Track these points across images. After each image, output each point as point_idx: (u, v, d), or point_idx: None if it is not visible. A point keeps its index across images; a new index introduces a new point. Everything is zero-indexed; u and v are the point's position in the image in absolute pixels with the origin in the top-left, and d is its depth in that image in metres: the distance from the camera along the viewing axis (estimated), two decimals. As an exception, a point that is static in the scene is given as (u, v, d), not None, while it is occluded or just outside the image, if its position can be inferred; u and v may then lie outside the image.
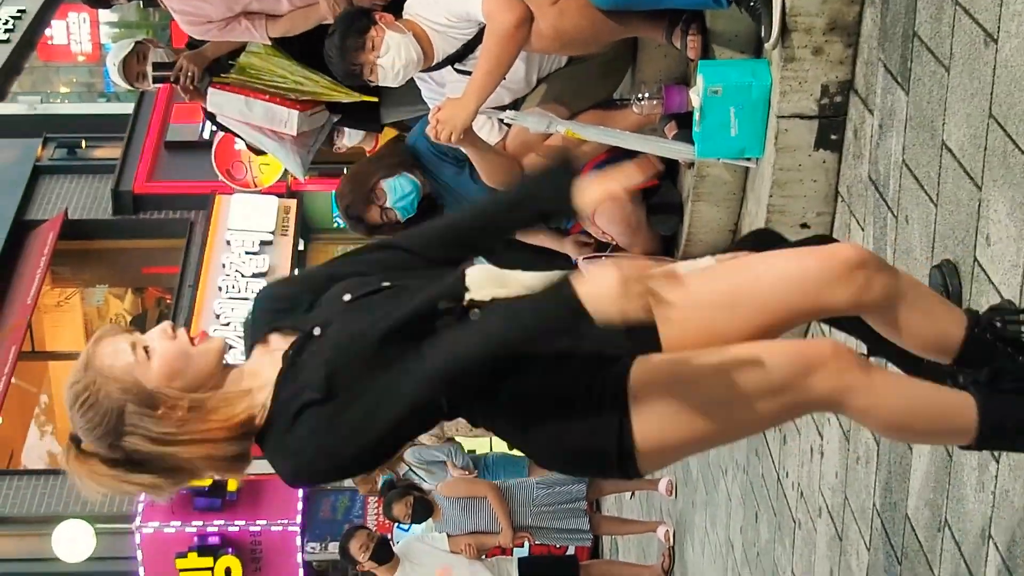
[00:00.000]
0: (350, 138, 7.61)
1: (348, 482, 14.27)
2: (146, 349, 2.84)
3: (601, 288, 2.59)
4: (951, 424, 2.95)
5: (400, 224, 5.81)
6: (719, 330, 2.89)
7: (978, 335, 3.11)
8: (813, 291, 2.88)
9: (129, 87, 6.55)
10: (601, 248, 5.90)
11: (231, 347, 2.95)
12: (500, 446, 11.15)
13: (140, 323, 16.47)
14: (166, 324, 2.89)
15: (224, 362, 2.91)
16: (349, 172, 5.95)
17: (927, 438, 3.11)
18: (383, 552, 8.60)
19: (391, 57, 5.04)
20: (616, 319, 2.59)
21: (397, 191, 5.69)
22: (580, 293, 2.60)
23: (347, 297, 2.92)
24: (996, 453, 3.31)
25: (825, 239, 3.40)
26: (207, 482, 12.88)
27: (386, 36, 5.03)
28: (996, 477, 3.32)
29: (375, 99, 6.03)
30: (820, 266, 2.89)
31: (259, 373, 2.89)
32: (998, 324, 3.15)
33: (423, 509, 8.93)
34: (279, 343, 2.92)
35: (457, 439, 11.06)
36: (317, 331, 2.87)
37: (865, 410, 2.87)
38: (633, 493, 10.28)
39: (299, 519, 13.14)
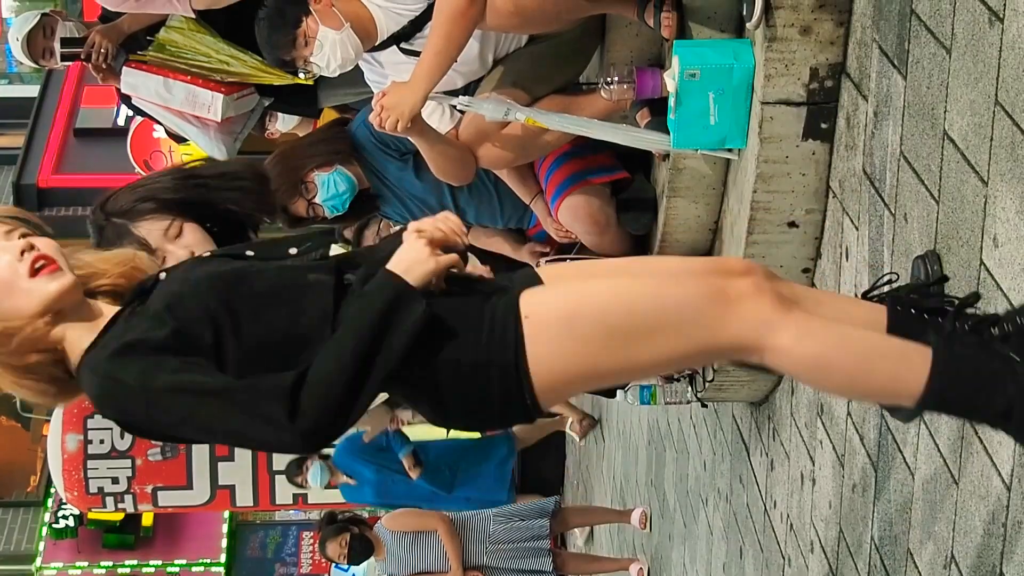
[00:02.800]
0: (284, 123, 7.63)
1: (279, 515, 14.25)
2: None
3: (408, 256, 3.02)
4: (891, 373, 2.98)
5: (326, 220, 5.84)
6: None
7: (901, 312, 3.24)
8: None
9: (34, 65, 6.54)
10: (564, 251, 5.92)
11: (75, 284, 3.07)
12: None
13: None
14: (27, 242, 3.03)
15: (74, 300, 3.05)
16: (278, 153, 5.93)
17: (862, 391, 3.12)
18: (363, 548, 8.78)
19: (325, 56, 5.06)
20: (434, 274, 3.02)
21: (329, 188, 5.71)
22: (396, 272, 2.99)
23: (207, 253, 3.22)
24: (1008, 481, 3.35)
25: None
26: (118, 517, 12.84)
27: (319, 34, 5.04)
28: (1008, 507, 3.35)
29: (310, 82, 6.05)
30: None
31: (105, 312, 3.09)
32: (915, 298, 3.31)
33: (362, 548, 8.93)
34: None
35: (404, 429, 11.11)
36: (163, 275, 3.10)
37: (787, 349, 2.93)
38: (590, 532, 10.32)
39: (223, 558, 13.11)
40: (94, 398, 2.99)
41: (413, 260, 3.00)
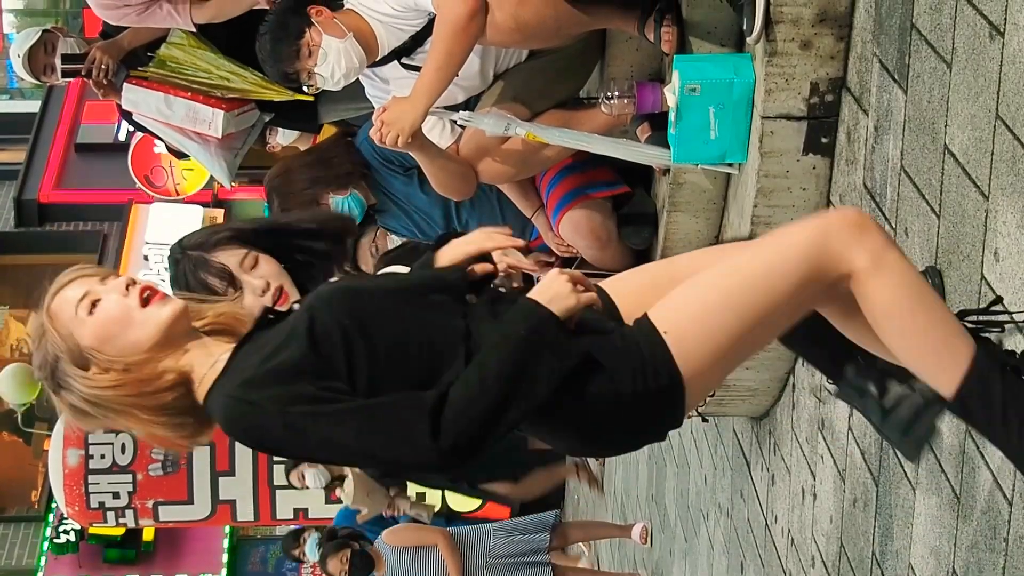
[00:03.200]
0: (284, 137, 7.63)
1: (280, 530, 14.24)
2: (95, 303, 3.02)
3: (551, 290, 3.01)
4: (945, 347, 3.01)
5: None
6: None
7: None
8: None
9: (35, 81, 6.54)
10: (566, 264, 5.92)
11: (188, 310, 3.12)
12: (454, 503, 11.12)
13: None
14: (125, 279, 3.07)
15: (185, 328, 3.09)
16: (293, 167, 5.92)
17: (914, 349, 3.12)
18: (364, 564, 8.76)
19: (329, 66, 5.05)
20: (574, 311, 3.01)
21: (342, 210, 5.72)
22: (540, 302, 3.00)
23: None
24: (1010, 496, 3.34)
25: None
26: (119, 532, 12.84)
27: (323, 43, 5.03)
28: (1009, 522, 3.35)
29: (311, 98, 6.05)
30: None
31: (219, 347, 3.10)
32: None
33: (362, 564, 8.92)
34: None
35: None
36: (296, 306, 3.11)
37: (870, 277, 2.98)
38: (592, 544, 10.31)
39: (224, 572, 13.09)
40: (226, 421, 2.99)
41: (556, 294, 3.02)
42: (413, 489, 10.48)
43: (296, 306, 3.12)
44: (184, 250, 4.25)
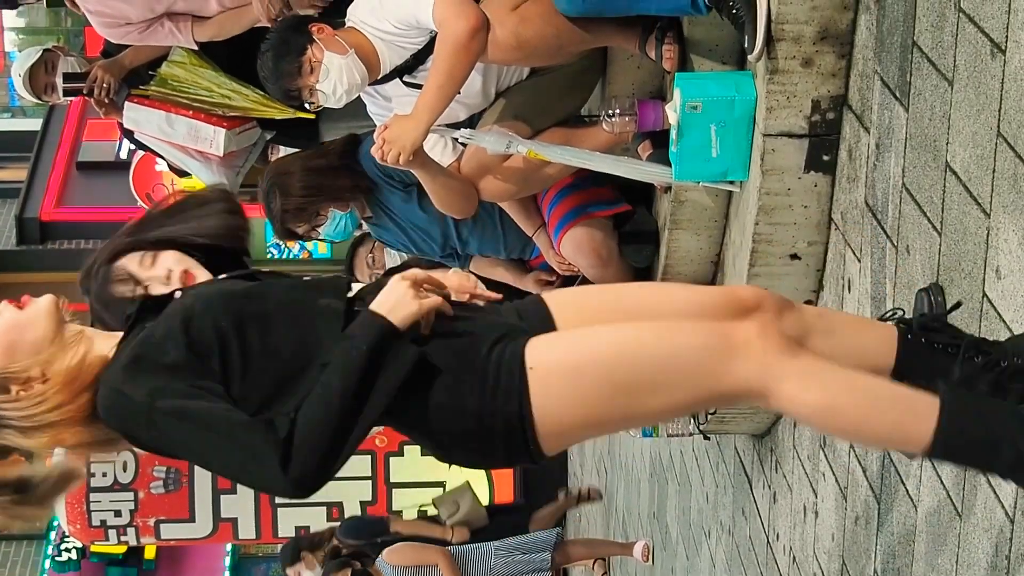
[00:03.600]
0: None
1: (280, 548, 14.23)
2: None
3: (391, 298, 3.02)
4: (898, 418, 2.96)
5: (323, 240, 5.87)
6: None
7: (912, 343, 3.26)
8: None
9: (36, 100, 6.55)
10: (567, 283, 5.92)
11: (63, 299, 3.10)
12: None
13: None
14: (3, 303, 3.09)
15: (64, 320, 3.11)
16: (293, 169, 5.90)
17: (869, 438, 3.11)
18: None
19: (331, 82, 5.04)
20: (418, 316, 3.03)
21: (337, 224, 5.71)
22: (380, 312, 2.99)
23: (222, 276, 3.24)
24: (1011, 513, 3.33)
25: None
26: (121, 550, 12.82)
27: (325, 59, 5.03)
28: (1011, 540, 3.34)
29: (312, 116, 6.05)
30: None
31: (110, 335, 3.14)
32: (931, 327, 3.32)
33: None
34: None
35: None
36: (178, 293, 3.13)
37: (792, 396, 2.92)
38: (607, 559, 10.29)
39: (226, 591, 13.07)
40: (103, 409, 3.00)
41: (396, 302, 3.02)
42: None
43: (178, 293, 3.14)
44: (88, 275, 4.23)
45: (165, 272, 3.73)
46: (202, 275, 3.42)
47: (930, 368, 3.22)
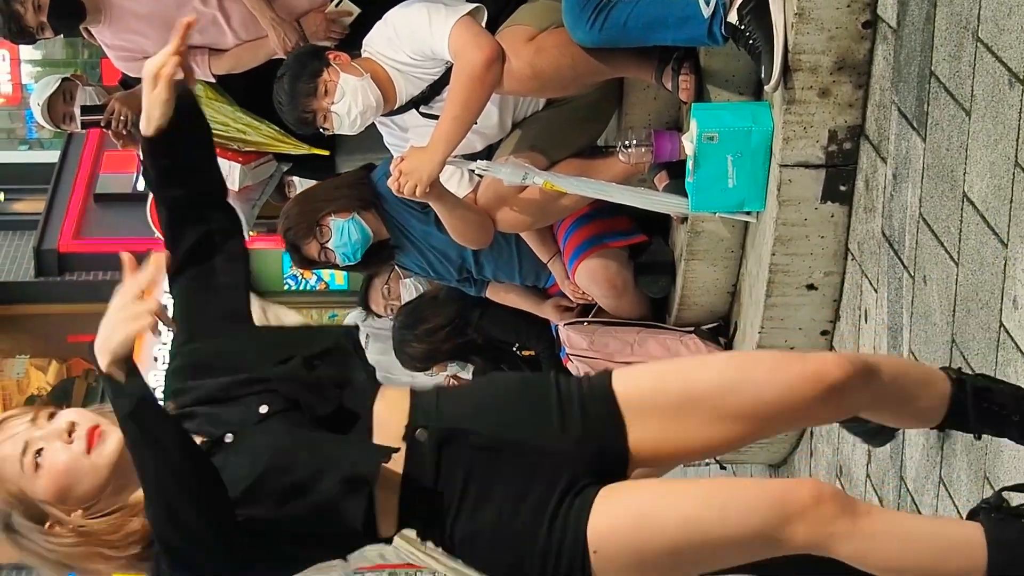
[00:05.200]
0: (303, 187, 7.62)
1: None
2: (40, 452, 2.87)
3: (104, 329, 2.70)
4: (959, 564, 2.96)
5: (337, 267, 5.82)
6: (689, 439, 3.02)
7: (961, 400, 3.26)
8: (794, 403, 2.97)
9: (55, 129, 6.56)
10: (585, 312, 5.91)
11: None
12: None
13: (64, 393, 16.38)
14: (64, 422, 2.90)
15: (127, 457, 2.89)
16: (302, 193, 5.91)
17: None
18: None
19: (346, 103, 5.04)
20: (122, 348, 2.66)
21: (343, 234, 5.67)
22: (100, 361, 2.66)
23: (263, 409, 2.95)
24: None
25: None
26: None
27: (340, 80, 5.03)
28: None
29: (326, 152, 6.06)
30: (802, 383, 2.99)
31: None
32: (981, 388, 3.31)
33: None
34: None
35: None
36: (229, 438, 2.90)
37: (854, 557, 2.91)
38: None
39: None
40: None
41: (106, 335, 2.72)
42: None
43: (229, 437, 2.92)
44: None
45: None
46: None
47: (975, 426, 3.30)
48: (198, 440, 2.85)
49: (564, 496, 2.93)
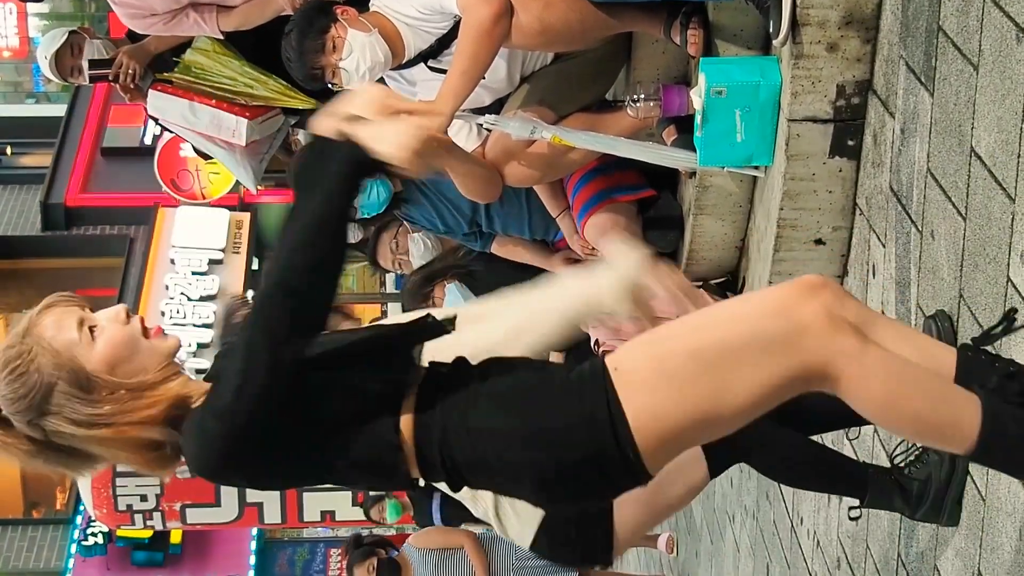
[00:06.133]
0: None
1: (307, 532, 14.28)
2: (92, 329, 2.95)
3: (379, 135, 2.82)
4: (949, 418, 2.97)
5: (356, 220, 5.85)
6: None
7: (972, 357, 3.25)
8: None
9: (63, 82, 6.58)
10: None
11: (183, 349, 3.06)
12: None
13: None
14: (121, 307, 3.01)
15: (173, 363, 3.00)
16: None
17: (918, 430, 3.13)
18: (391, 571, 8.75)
19: (355, 59, 5.06)
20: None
21: (371, 194, 5.71)
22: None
23: None
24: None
25: None
26: (147, 534, 12.87)
27: (348, 36, 5.05)
28: (1034, 523, 3.36)
29: None
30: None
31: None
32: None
33: (390, 571, 8.91)
34: None
35: None
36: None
37: (857, 380, 2.90)
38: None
39: (251, 574, 13.10)
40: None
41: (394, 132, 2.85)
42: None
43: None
44: None
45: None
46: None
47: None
48: None
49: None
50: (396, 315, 3.27)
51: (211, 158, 6.82)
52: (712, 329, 2.90)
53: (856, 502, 4.11)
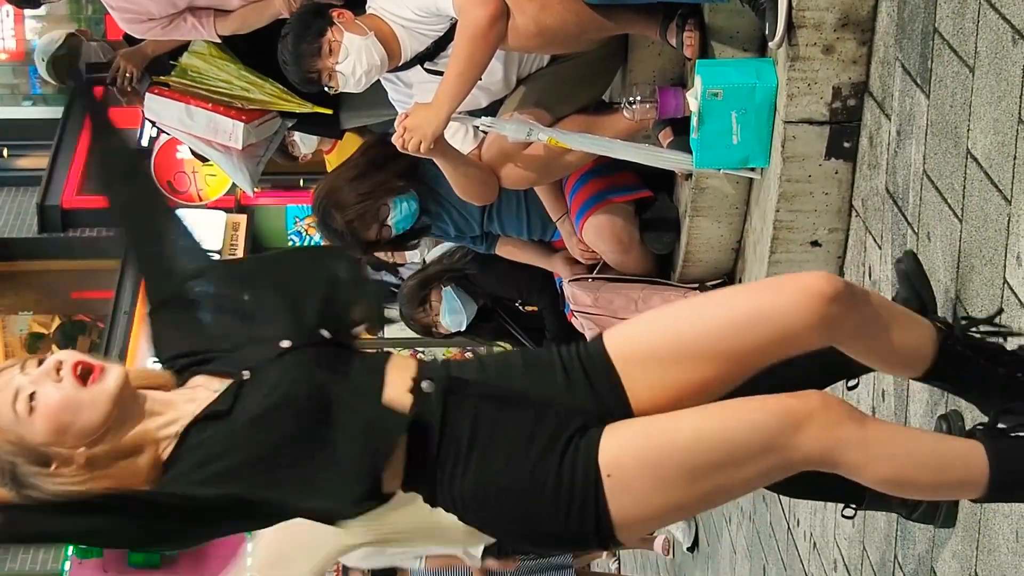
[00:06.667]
0: (306, 145, 7.63)
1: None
2: (32, 396, 2.82)
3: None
4: (959, 476, 3.01)
5: (389, 242, 5.87)
6: (685, 382, 2.98)
7: (950, 347, 3.24)
8: (780, 325, 2.95)
9: (60, 84, 6.57)
10: (590, 268, 5.93)
11: (128, 373, 2.95)
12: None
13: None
14: (52, 361, 2.87)
15: (132, 390, 2.91)
16: (344, 183, 5.89)
17: (932, 492, 3.18)
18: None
19: (351, 63, 5.05)
20: None
21: (403, 210, 5.73)
22: None
23: (285, 344, 2.96)
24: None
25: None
26: (145, 535, 12.84)
27: (345, 39, 5.04)
28: (1030, 525, 3.35)
29: (330, 111, 6.07)
30: (787, 300, 2.96)
31: (172, 405, 2.94)
32: (972, 334, 3.34)
33: (388, 572, 8.91)
34: (203, 382, 2.98)
35: None
36: (247, 375, 2.92)
37: (861, 466, 2.93)
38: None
39: (249, 577, 13.07)
40: None
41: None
42: None
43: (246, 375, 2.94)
44: None
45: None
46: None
47: (962, 378, 3.30)
48: (220, 381, 2.92)
49: (572, 438, 2.94)
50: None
51: (208, 161, 6.82)
52: (710, 434, 2.89)
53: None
